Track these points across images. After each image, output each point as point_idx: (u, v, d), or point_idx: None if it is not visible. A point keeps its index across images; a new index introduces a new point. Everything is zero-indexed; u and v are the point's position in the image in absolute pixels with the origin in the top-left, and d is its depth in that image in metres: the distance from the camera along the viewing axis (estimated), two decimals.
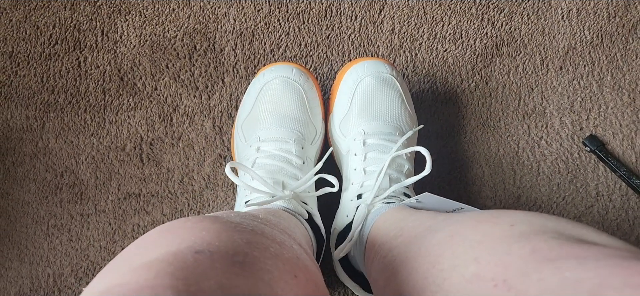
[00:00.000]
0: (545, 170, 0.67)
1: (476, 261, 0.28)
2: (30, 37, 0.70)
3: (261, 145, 0.55)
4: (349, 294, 0.63)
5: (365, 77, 0.57)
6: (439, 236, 0.34)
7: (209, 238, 0.28)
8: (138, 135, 0.67)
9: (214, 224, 0.30)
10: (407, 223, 0.42)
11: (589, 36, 0.71)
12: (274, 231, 0.35)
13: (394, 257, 0.38)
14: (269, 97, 0.57)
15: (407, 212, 0.46)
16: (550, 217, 0.30)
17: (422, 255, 0.34)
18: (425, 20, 0.71)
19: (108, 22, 0.71)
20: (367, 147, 0.55)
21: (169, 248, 0.26)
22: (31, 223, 0.65)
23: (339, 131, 0.59)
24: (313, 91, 0.59)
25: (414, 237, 0.38)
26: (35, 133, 0.67)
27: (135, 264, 0.25)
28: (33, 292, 0.64)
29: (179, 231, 0.28)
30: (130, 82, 0.69)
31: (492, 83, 0.70)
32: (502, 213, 0.32)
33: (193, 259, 0.25)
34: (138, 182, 0.66)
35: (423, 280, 0.32)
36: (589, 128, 0.68)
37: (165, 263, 0.24)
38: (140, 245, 0.28)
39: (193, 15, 0.71)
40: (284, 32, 0.70)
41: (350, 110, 0.58)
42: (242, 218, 0.35)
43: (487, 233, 0.30)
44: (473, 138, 0.68)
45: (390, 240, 0.42)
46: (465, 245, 0.30)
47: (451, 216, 0.36)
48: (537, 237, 0.27)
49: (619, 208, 0.66)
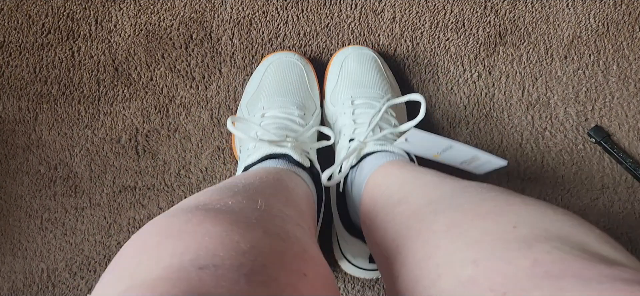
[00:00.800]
0: (549, 162, 0.66)
1: (474, 263, 0.27)
2: (22, 27, 0.68)
3: (265, 112, 0.58)
4: (349, 284, 0.62)
5: (349, 54, 0.64)
6: (439, 222, 0.32)
7: (213, 247, 0.26)
8: (133, 126, 0.66)
9: (216, 226, 0.28)
10: (411, 189, 0.40)
11: (595, 24, 0.69)
12: (277, 220, 0.33)
13: (395, 228, 0.37)
14: (272, 74, 0.62)
15: (411, 173, 0.44)
16: (555, 217, 0.29)
17: (421, 240, 0.33)
18: (427, 8, 0.69)
19: (102, 10, 0.69)
20: (355, 105, 0.58)
21: (171, 261, 0.25)
22: (24, 217, 0.64)
23: (330, 103, 0.62)
24: (312, 74, 0.64)
25: (415, 210, 0.36)
26: (28, 125, 0.66)
27: (138, 279, 0.24)
28: (26, 287, 0.62)
29: (182, 237, 0.27)
30: (125, 72, 0.67)
31: (496, 73, 0.68)
32: (505, 207, 0.30)
33: (197, 277, 0.24)
34: (134, 174, 0.65)
35: (418, 270, 0.31)
36: (594, 119, 0.67)
37: (170, 283, 0.23)
38: (142, 250, 0.27)
39: (189, 4, 0.69)
40: (282, 21, 0.69)
41: (337, 83, 0.62)
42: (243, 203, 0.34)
43: (487, 232, 0.28)
44: (476, 130, 0.67)
45: (392, 207, 0.40)
46: (463, 241, 0.29)
47: (454, 194, 0.35)
48: (539, 246, 0.26)
49: (624, 201, 0.65)
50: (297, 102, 0.59)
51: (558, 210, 0.30)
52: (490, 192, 0.34)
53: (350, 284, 0.62)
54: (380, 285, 0.63)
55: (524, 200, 0.31)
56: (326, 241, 0.63)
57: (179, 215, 0.29)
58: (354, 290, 0.62)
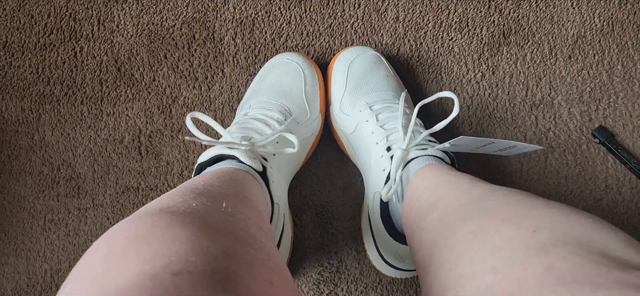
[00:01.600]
0: (553, 162, 0.65)
1: (493, 271, 0.27)
2: (24, 27, 0.68)
3: (249, 111, 0.57)
4: (352, 288, 0.62)
5: (354, 58, 0.61)
6: (465, 229, 0.33)
7: (184, 252, 0.26)
8: (136, 127, 0.66)
9: (184, 230, 0.28)
10: (443, 192, 0.41)
11: (599, 24, 0.69)
12: (242, 224, 0.33)
13: (427, 236, 0.38)
14: (271, 75, 0.61)
15: (445, 176, 0.44)
16: (578, 220, 0.29)
17: (448, 248, 0.33)
18: (431, 7, 0.69)
19: (104, 10, 0.69)
20: (375, 110, 0.57)
21: (143, 266, 0.24)
22: (28, 218, 0.64)
23: (340, 112, 0.61)
24: (314, 79, 0.61)
25: (445, 216, 0.37)
26: (31, 125, 0.66)
27: (108, 286, 0.23)
28: (30, 288, 0.63)
29: (151, 242, 0.26)
30: (127, 72, 0.67)
31: (499, 73, 0.68)
32: (528, 211, 0.31)
33: (172, 284, 0.23)
34: (136, 175, 0.65)
35: (446, 280, 0.31)
36: (598, 119, 0.67)
37: (145, 290, 0.22)
38: (108, 255, 0.26)
39: (192, 4, 0.69)
40: (285, 20, 0.68)
41: (346, 90, 0.60)
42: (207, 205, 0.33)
43: (508, 238, 0.29)
44: (479, 130, 0.66)
45: (426, 212, 0.41)
46: (485, 250, 0.29)
47: (482, 198, 0.35)
48: (556, 251, 0.26)
49: (628, 201, 0.64)
50: (283, 106, 0.58)
51: (582, 214, 0.30)
52: (515, 195, 0.34)
53: (354, 285, 0.62)
54: (383, 286, 0.63)
55: (548, 204, 0.31)
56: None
57: (144, 219, 0.29)
58: (357, 291, 0.62)
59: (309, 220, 0.64)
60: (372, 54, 0.63)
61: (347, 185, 0.65)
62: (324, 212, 0.64)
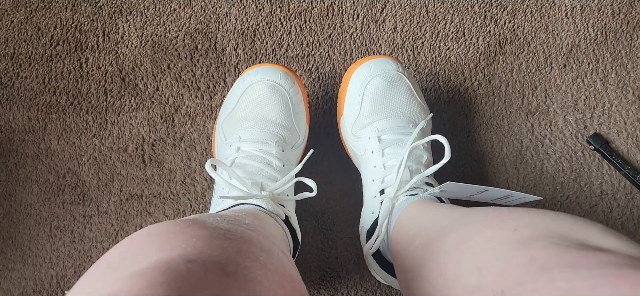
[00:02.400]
0: (549, 169, 0.67)
1: (478, 271, 0.28)
2: (31, 39, 0.70)
3: (241, 145, 0.55)
4: (352, 294, 0.63)
5: (372, 78, 0.56)
6: (448, 242, 0.34)
7: (200, 245, 0.27)
8: (140, 136, 0.67)
9: (203, 230, 0.29)
10: (426, 222, 0.42)
11: (593, 33, 0.70)
12: (261, 238, 0.35)
13: (412, 261, 0.39)
14: (252, 99, 0.56)
15: (426, 208, 0.46)
16: (556, 217, 0.30)
17: (433, 261, 0.34)
18: (428, 18, 0.71)
19: (109, 22, 0.70)
20: (383, 143, 0.55)
21: (159, 255, 0.25)
22: (34, 225, 0.65)
23: (352, 135, 0.59)
24: (298, 96, 0.58)
25: (428, 240, 0.38)
26: (37, 134, 0.67)
27: (125, 272, 0.24)
28: (36, 293, 0.64)
29: (170, 237, 0.28)
30: (131, 82, 0.69)
31: (495, 81, 0.69)
32: (508, 214, 0.32)
33: (186, 269, 0.24)
34: (140, 183, 0.66)
35: (432, 288, 0.32)
36: (593, 127, 0.68)
37: (158, 272, 0.23)
38: (127, 250, 0.27)
39: (194, 15, 0.70)
40: (285, 31, 0.70)
41: (360, 113, 0.57)
42: (228, 223, 0.35)
43: (491, 239, 0.30)
44: (476, 137, 0.68)
45: (409, 242, 0.42)
46: (470, 253, 0.30)
47: (463, 216, 0.36)
48: (537, 244, 0.27)
49: (623, 207, 0.66)
50: (276, 136, 0.55)
51: (560, 212, 0.31)
52: (495, 209, 0.35)
53: (353, 290, 0.63)
54: (382, 290, 0.64)
55: (527, 209, 0.32)
56: None
57: (168, 222, 0.30)
58: None
59: (309, 226, 0.65)
60: (394, 73, 0.57)
61: (347, 192, 0.66)
62: (324, 218, 0.65)
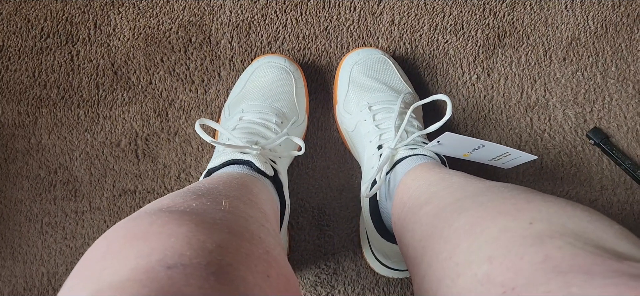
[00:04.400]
0: (548, 164, 0.66)
1: (489, 260, 0.27)
2: (21, 31, 0.68)
3: (244, 115, 0.57)
4: (349, 286, 0.63)
5: (359, 59, 0.63)
6: (461, 220, 0.33)
7: (180, 247, 0.26)
8: (133, 130, 0.66)
9: (181, 227, 0.28)
10: (438, 190, 0.41)
11: (593, 26, 0.69)
12: (241, 221, 0.34)
13: (421, 228, 0.38)
14: (259, 79, 0.61)
15: (439, 175, 0.44)
16: (573, 213, 0.29)
17: (444, 239, 0.33)
18: (426, 11, 0.69)
19: (101, 14, 0.69)
20: (374, 111, 0.58)
21: (138, 262, 0.25)
22: (25, 221, 0.64)
23: (344, 111, 0.62)
24: (301, 82, 0.63)
25: (440, 210, 0.37)
26: (27, 129, 0.66)
27: (105, 282, 0.24)
28: (27, 291, 0.62)
29: (147, 239, 0.27)
30: (124, 76, 0.67)
31: (494, 75, 0.68)
32: (524, 205, 0.31)
33: (166, 276, 0.23)
34: (133, 178, 0.65)
35: (441, 270, 0.31)
36: (593, 121, 0.67)
37: (139, 284, 0.23)
38: (106, 253, 0.26)
39: (188, 7, 0.69)
40: (281, 24, 0.69)
41: (349, 90, 0.62)
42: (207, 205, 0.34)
43: (504, 229, 0.29)
44: (475, 132, 0.67)
45: (419, 208, 0.41)
46: (482, 239, 0.29)
47: (477, 194, 0.35)
48: (552, 242, 0.26)
49: (623, 202, 0.65)
50: (277, 108, 0.59)
51: (578, 207, 0.30)
52: (512, 190, 0.34)
53: (351, 286, 0.63)
54: (380, 287, 0.63)
55: (544, 198, 0.31)
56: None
57: (142, 218, 0.29)
58: (354, 293, 0.63)
59: (306, 222, 0.64)
60: (379, 55, 0.63)
61: (344, 188, 0.65)
62: (321, 215, 0.64)
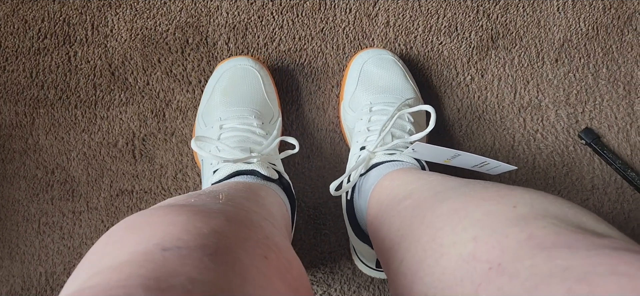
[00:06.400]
0: (540, 164, 0.67)
1: (474, 240, 0.28)
2: (18, 32, 0.69)
3: (223, 123, 0.56)
4: (348, 287, 0.63)
5: (369, 59, 0.63)
6: (444, 207, 0.34)
7: (177, 232, 0.27)
8: (130, 131, 0.66)
9: (180, 216, 0.29)
10: (418, 185, 0.41)
11: (585, 28, 0.70)
12: (240, 212, 0.35)
13: (401, 221, 0.39)
14: (227, 83, 0.60)
15: (418, 175, 0.45)
16: (554, 200, 0.30)
17: (425, 224, 0.34)
18: (420, 12, 0.70)
19: (98, 15, 0.69)
20: (372, 112, 0.58)
21: (137, 247, 0.26)
22: (22, 222, 0.64)
23: (348, 108, 0.62)
24: (268, 79, 0.63)
25: (420, 202, 0.38)
26: (24, 129, 0.66)
27: (104, 266, 0.25)
28: (25, 291, 0.63)
29: (146, 227, 0.28)
30: (121, 77, 0.68)
31: (488, 76, 0.69)
32: (508, 192, 0.32)
33: (162, 258, 0.24)
34: (131, 178, 0.65)
35: (422, 252, 0.32)
36: (584, 121, 0.68)
37: (136, 264, 0.24)
38: (107, 243, 0.28)
39: (185, 9, 0.69)
40: (277, 25, 0.69)
41: (356, 88, 0.62)
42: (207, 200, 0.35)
43: (489, 212, 0.30)
44: (469, 132, 0.68)
45: (398, 203, 0.41)
46: (466, 221, 0.30)
47: (459, 187, 0.36)
48: (536, 222, 0.27)
49: (614, 201, 0.66)
50: (254, 111, 0.58)
51: (558, 197, 0.31)
52: (494, 185, 0.35)
53: (347, 285, 0.63)
54: (375, 285, 0.63)
55: (526, 188, 0.33)
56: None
57: (143, 213, 0.31)
58: (350, 291, 0.63)
59: (301, 221, 0.65)
60: (388, 57, 0.63)
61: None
62: (316, 214, 0.65)
